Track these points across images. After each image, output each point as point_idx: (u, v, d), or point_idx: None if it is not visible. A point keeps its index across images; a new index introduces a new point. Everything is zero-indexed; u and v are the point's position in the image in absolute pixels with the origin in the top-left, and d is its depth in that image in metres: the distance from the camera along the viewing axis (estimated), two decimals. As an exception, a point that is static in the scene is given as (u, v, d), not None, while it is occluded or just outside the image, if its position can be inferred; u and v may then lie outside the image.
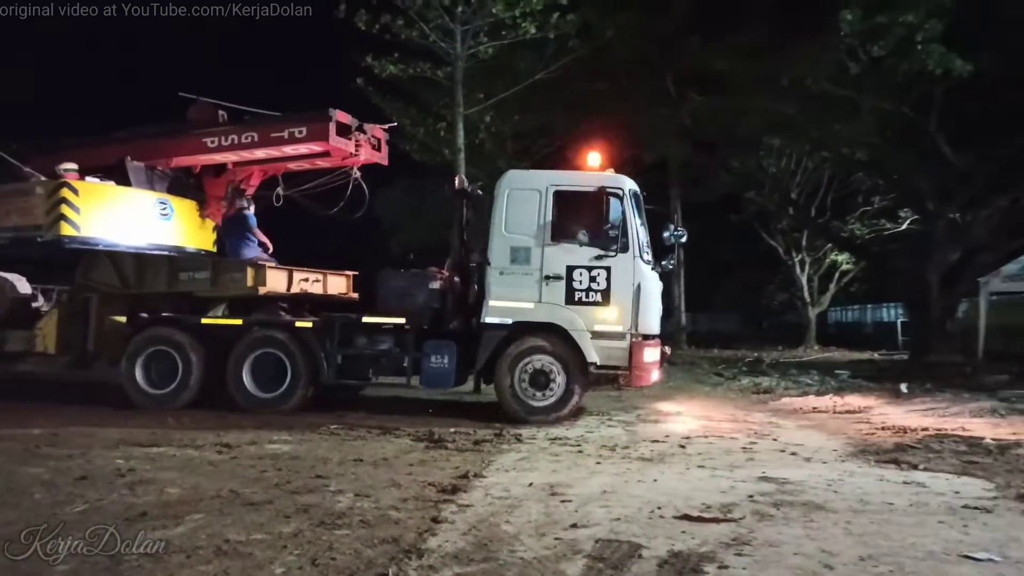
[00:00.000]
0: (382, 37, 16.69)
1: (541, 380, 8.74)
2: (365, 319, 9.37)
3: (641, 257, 8.83)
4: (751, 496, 5.08)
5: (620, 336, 8.65)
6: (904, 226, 25.23)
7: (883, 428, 8.31)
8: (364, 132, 10.32)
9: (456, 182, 10.21)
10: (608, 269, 8.68)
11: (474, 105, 18.36)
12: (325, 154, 10.44)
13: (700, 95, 19.66)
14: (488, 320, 8.87)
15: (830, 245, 27.03)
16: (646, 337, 8.80)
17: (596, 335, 8.66)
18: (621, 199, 8.84)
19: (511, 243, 8.90)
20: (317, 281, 10.53)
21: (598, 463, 6.30)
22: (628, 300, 8.69)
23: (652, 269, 9.09)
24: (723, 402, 11.17)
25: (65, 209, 9.24)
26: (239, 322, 9.60)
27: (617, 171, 9.38)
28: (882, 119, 17.46)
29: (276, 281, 9.73)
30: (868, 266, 28.10)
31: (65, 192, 9.24)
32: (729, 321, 44.50)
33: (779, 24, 16.80)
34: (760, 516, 4.58)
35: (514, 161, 22.44)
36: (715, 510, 4.72)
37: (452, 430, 7.85)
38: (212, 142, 10.37)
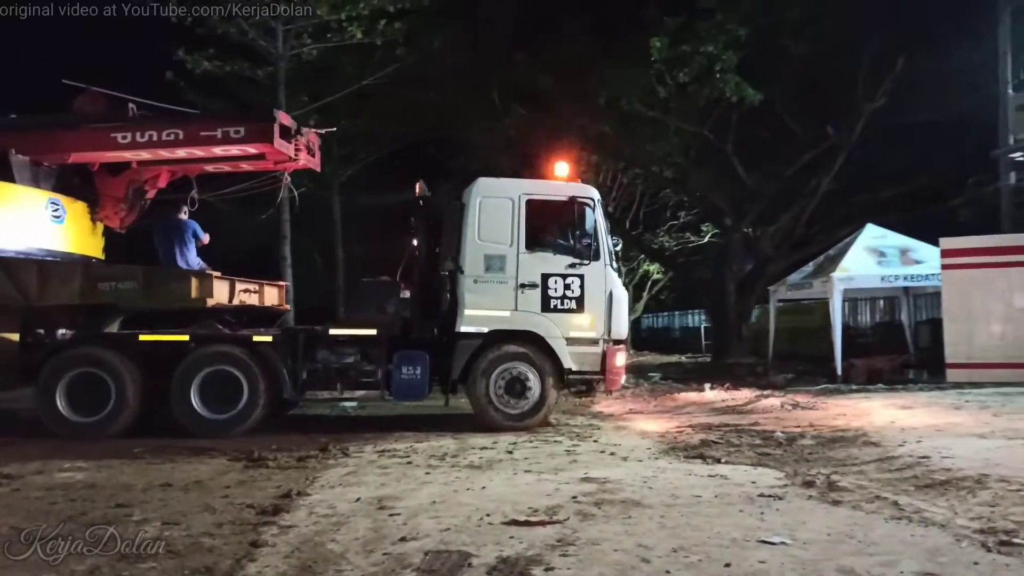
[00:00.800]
0: (194, 31, 15.66)
1: (517, 388, 8.71)
2: (332, 331, 8.93)
3: (611, 265, 9.08)
4: (575, 497, 5.26)
5: (594, 342, 8.83)
6: (706, 239, 27.48)
7: (690, 426, 8.94)
8: (302, 135, 9.66)
9: (417, 188, 9.84)
10: (581, 277, 8.81)
11: (298, 108, 17.73)
12: (259, 157, 9.69)
13: (524, 109, 20.28)
14: (464, 329, 8.76)
15: (643, 256, 28.86)
16: (616, 342, 8.99)
17: (571, 341, 8.77)
18: (592, 209, 9.02)
19: (485, 251, 8.85)
20: (255, 292, 9.85)
21: (427, 473, 6.26)
22: (601, 307, 8.85)
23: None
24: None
25: None
26: (186, 338, 8.67)
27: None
28: (686, 140, 19.02)
29: (221, 292, 8.96)
30: (675, 276, 30.37)
31: None
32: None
33: (597, 46, 17.81)
34: (583, 516, 4.76)
35: (340, 167, 21.96)
36: (541, 513, 4.84)
37: (274, 447, 7.48)
38: (124, 138, 9.22)
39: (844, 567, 3.73)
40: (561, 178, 9.49)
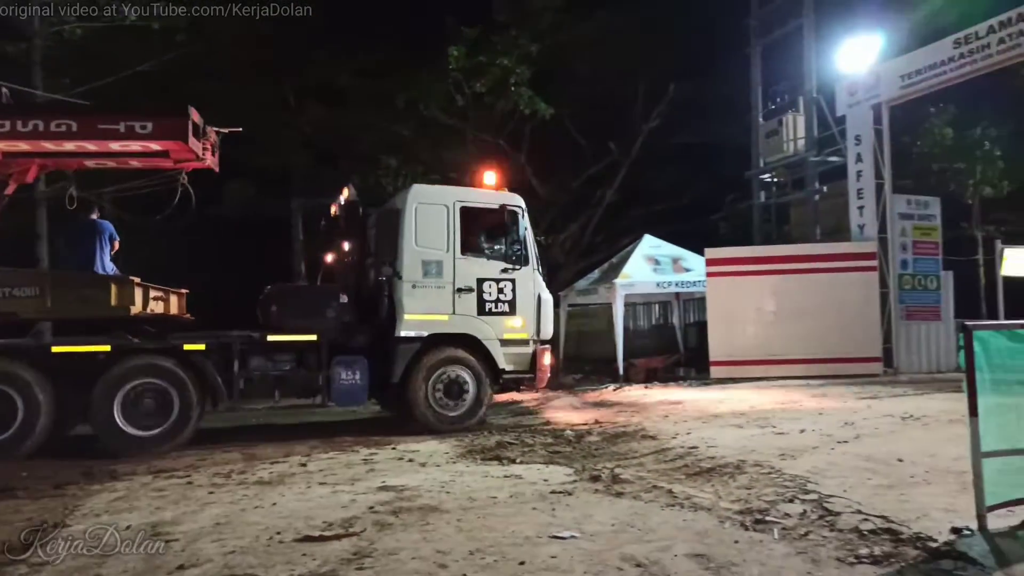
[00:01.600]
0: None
1: (455, 390, 8.93)
2: (271, 338, 8.57)
3: (537, 269, 9.45)
4: (371, 507, 5.15)
5: (525, 343, 9.33)
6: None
7: (486, 429, 9.12)
8: (206, 135, 8.69)
9: (346, 193, 9.75)
10: (513, 281, 9.25)
11: (58, 91, 15.78)
12: (160, 154, 8.65)
13: (321, 107, 19.67)
14: (403, 333, 8.82)
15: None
16: (543, 343, 9.44)
17: (505, 343, 9.16)
18: (520, 216, 9.38)
19: (422, 257, 9.00)
20: (163, 299, 8.95)
21: (211, 493, 5.82)
22: (531, 309, 9.33)
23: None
24: (345, 415, 11.22)
25: None
26: (107, 348, 7.89)
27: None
28: (483, 149, 19.48)
29: (139, 300, 8.13)
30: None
31: None
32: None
33: (397, 50, 17.75)
34: (381, 526, 4.67)
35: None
36: (336, 526, 4.68)
37: (24, 475, 6.58)
38: (0, 125, 7.88)
39: (626, 555, 3.99)
40: (490, 187, 9.81)
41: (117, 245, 9.27)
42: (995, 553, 3.79)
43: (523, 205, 9.60)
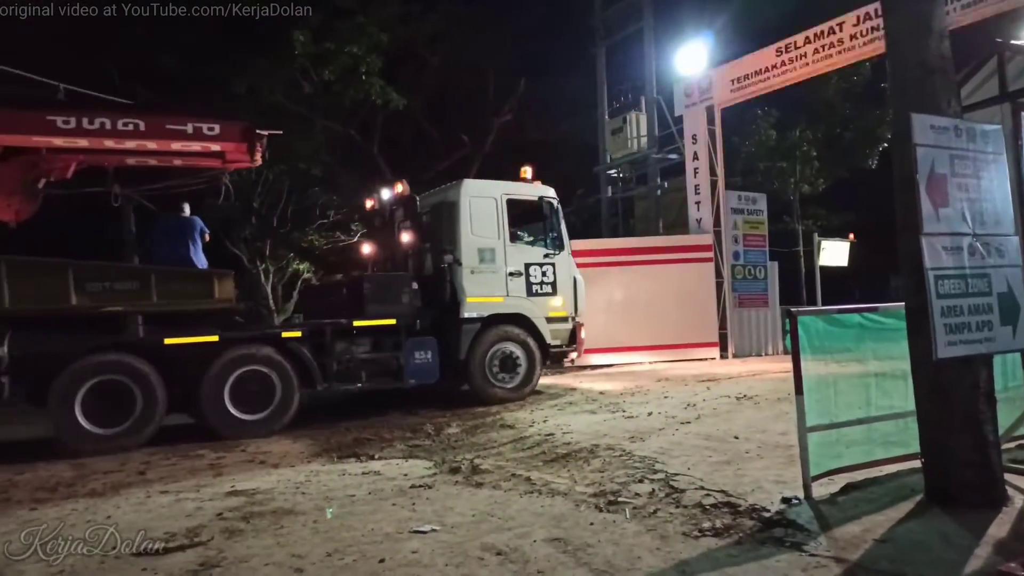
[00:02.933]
0: None
1: (509, 364, 9.92)
2: (357, 323, 9.13)
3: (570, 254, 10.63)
4: (220, 514, 4.89)
5: (566, 320, 10.49)
6: (356, 238, 27.70)
7: (346, 429, 8.88)
8: (261, 137, 9.01)
9: (401, 187, 10.76)
10: (553, 265, 10.41)
11: None
12: (214, 155, 9.04)
13: (150, 91, 18.25)
14: (466, 315, 9.72)
15: (292, 255, 28.08)
16: (577, 319, 10.61)
17: (549, 320, 10.26)
18: (556, 206, 10.60)
19: (478, 245, 9.96)
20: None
21: (33, 510, 5.28)
22: (569, 290, 10.53)
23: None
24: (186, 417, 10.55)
25: None
26: (215, 339, 8.22)
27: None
28: (332, 138, 18.91)
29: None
30: (326, 275, 30.06)
31: None
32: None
33: (230, 32, 16.76)
34: (230, 533, 4.44)
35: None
36: (180, 537, 4.40)
37: None
38: (65, 122, 7.95)
39: (487, 544, 4.03)
40: (527, 180, 10.62)
41: (207, 238, 9.65)
42: (819, 519, 4.18)
43: (556, 196, 10.71)
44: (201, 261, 9.30)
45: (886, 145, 20.17)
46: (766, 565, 3.58)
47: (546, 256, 10.42)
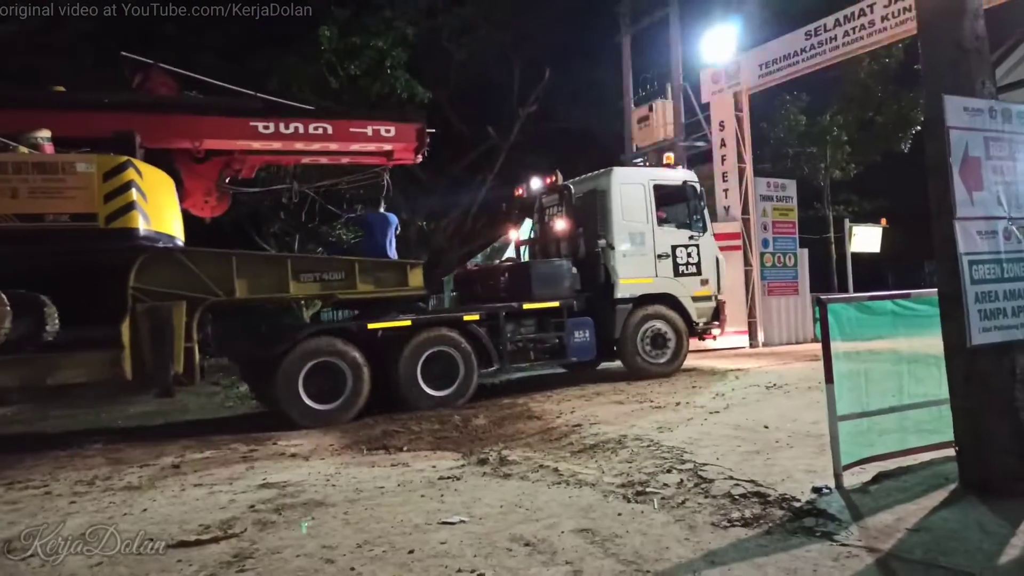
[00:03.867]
0: None
1: (659, 341, 10.48)
2: (527, 306, 9.81)
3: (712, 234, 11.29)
4: (252, 506, 4.96)
5: (710, 298, 10.98)
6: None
7: (374, 422, 8.96)
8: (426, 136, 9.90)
9: (556, 177, 11.37)
10: (697, 246, 10.90)
11: None
12: (384, 154, 9.93)
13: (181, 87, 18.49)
14: (619, 296, 10.36)
15: (320, 249, 28.35)
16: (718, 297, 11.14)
17: (695, 299, 10.79)
18: (698, 190, 11.08)
19: (629, 229, 10.56)
20: None
21: (72, 503, 5.41)
22: (713, 269, 11.02)
23: None
24: (220, 411, 10.74)
25: (135, 195, 7.25)
26: (408, 323, 9.05)
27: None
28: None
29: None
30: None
31: (132, 173, 7.24)
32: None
33: (258, 29, 16.91)
34: (262, 525, 4.51)
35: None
36: (215, 529, 4.48)
37: None
38: (266, 128, 9.02)
39: (515, 535, 4.04)
40: (669, 166, 11.54)
41: (398, 232, 10.54)
42: (850, 508, 4.12)
43: (699, 180, 11.30)
44: (393, 253, 10.22)
45: (919, 128, 19.73)
46: (796, 555, 3.55)
47: (691, 238, 10.97)
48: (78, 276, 7.30)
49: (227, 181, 9.78)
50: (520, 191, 12.64)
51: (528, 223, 12.97)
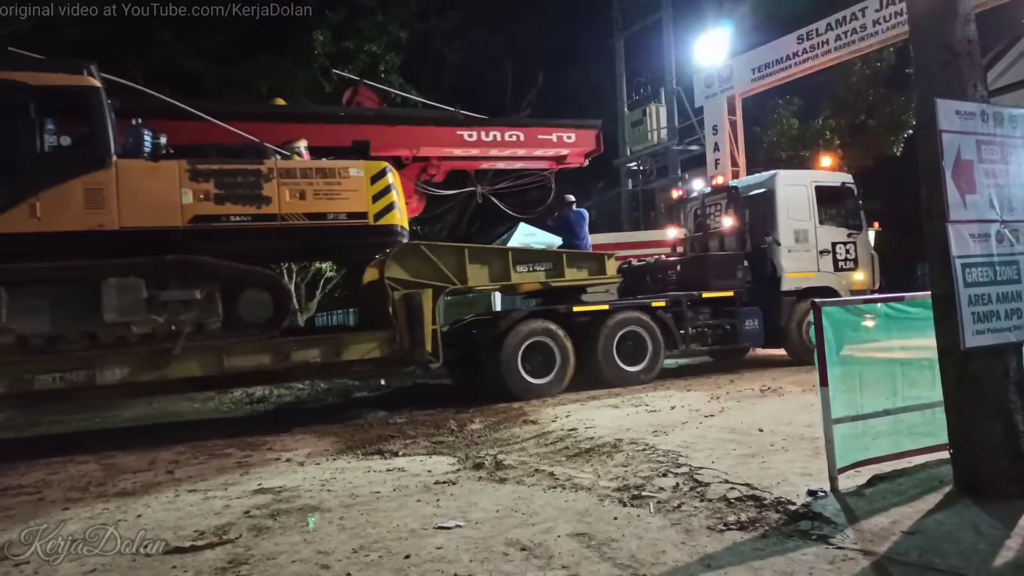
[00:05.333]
0: None
1: None
2: (705, 295, 10.80)
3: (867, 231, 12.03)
4: (247, 512, 4.94)
5: (865, 292, 11.35)
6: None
7: (370, 426, 8.95)
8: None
9: (721, 179, 12.90)
10: (855, 243, 11.71)
11: None
12: (557, 158, 11.05)
13: (174, 91, 18.45)
14: (785, 288, 11.15)
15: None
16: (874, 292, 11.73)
17: (852, 293, 11.24)
18: (855, 190, 11.85)
19: (794, 227, 11.29)
20: None
21: (66, 509, 5.38)
22: (868, 265, 11.79)
23: None
24: (214, 414, 10.70)
25: (394, 196, 8.56)
26: (606, 307, 10.24)
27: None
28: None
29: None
30: (348, 273, 30.28)
31: (391, 177, 8.56)
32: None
33: (252, 33, 16.91)
34: (258, 531, 4.49)
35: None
36: (209, 535, 4.46)
37: None
38: (470, 136, 10.29)
39: (511, 539, 4.04)
40: (827, 168, 12.66)
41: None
42: (846, 511, 4.13)
43: (855, 182, 12.08)
44: (587, 245, 11.37)
45: (911, 132, 19.84)
46: (792, 558, 3.55)
47: (849, 235, 11.76)
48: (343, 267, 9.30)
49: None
50: (680, 192, 13.74)
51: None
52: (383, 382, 12.63)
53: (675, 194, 13.92)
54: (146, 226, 7.64)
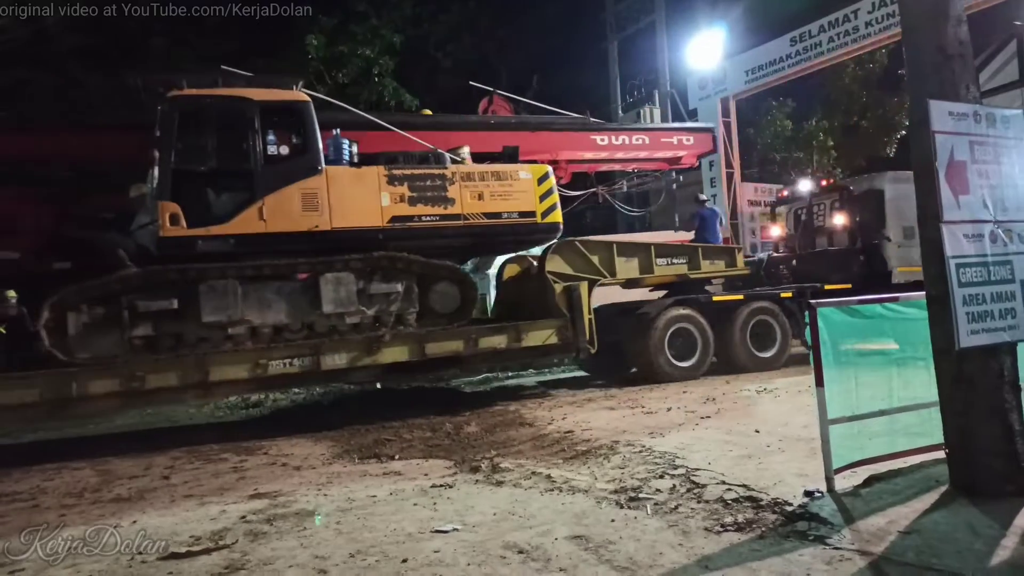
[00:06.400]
0: None
1: None
2: (826, 287, 11.12)
3: None
4: (243, 517, 4.93)
5: None
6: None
7: (366, 430, 8.93)
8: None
9: (833, 179, 13.59)
10: None
11: None
12: (675, 160, 11.89)
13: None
14: (895, 281, 11.49)
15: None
16: None
17: None
18: None
19: (903, 224, 11.64)
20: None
21: (62, 516, 5.35)
22: None
23: None
24: (210, 418, 10.66)
25: (556, 196, 9.50)
26: (741, 297, 10.95)
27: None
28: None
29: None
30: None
31: (553, 179, 9.47)
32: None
33: (245, 39, 16.90)
34: (254, 536, 4.48)
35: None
36: (206, 540, 4.44)
37: None
38: (602, 140, 11.06)
39: (508, 543, 4.03)
40: None
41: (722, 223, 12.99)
42: (842, 511, 4.14)
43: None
44: (719, 240, 12.26)
45: (904, 133, 19.92)
46: (790, 559, 3.56)
47: None
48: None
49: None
50: (785, 192, 14.42)
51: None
52: (378, 385, 12.60)
53: (782, 193, 14.79)
54: (353, 226, 8.54)
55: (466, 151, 9.51)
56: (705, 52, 16.34)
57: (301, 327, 8.53)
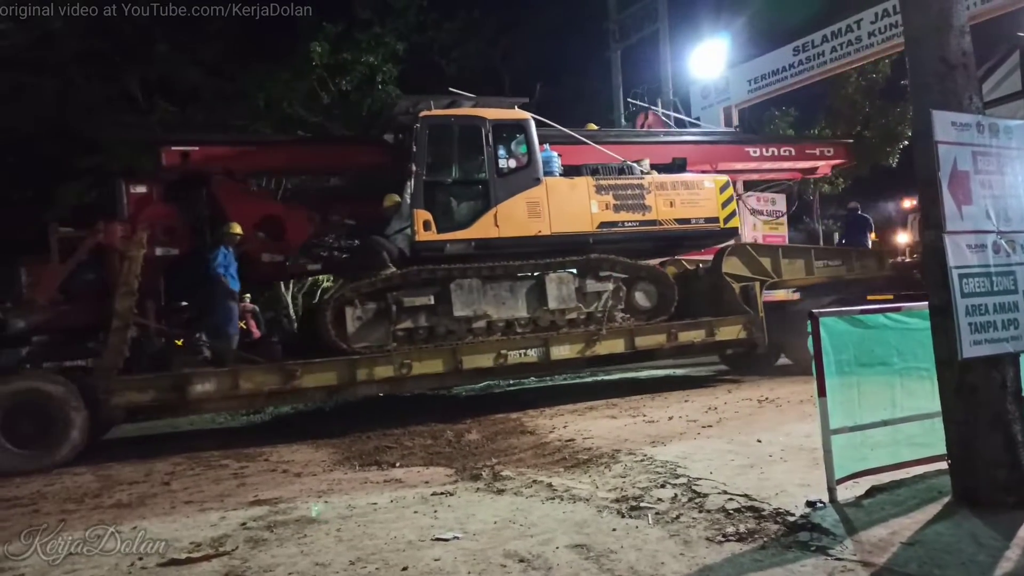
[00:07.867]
0: None
1: None
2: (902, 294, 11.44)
3: None
4: (244, 524, 4.92)
5: None
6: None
7: (367, 437, 8.91)
8: None
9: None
10: None
11: None
12: (809, 170, 12.92)
13: (171, 104, 18.45)
14: None
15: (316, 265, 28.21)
16: None
17: None
18: None
19: None
20: None
21: (62, 521, 5.34)
22: None
23: None
24: (211, 424, 10.65)
25: (736, 203, 10.44)
26: (891, 297, 10.69)
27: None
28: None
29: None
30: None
31: (732, 187, 10.45)
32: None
33: (248, 45, 16.95)
34: (254, 543, 4.47)
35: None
36: (205, 547, 4.43)
37: None
38: (754, 152, 12.03)
39: (510, 551, 4.02)
40: None
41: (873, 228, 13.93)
42: (845, 522, 4.12)
43: None
44: (867, 243, 12.90)
45: (907, 143, 19.92)
46: (791, 570, 3.54)
47: None
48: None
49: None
50: (913, 203, 14.80)
51: None
52: (380, 393, 12.57)
53: (907, 204, 15.72)
54: (569, 232, 9.60)
55: (647, 162, 10.36)
56: (708, 61, 16.39)
57: (528, 322, 9.57)
